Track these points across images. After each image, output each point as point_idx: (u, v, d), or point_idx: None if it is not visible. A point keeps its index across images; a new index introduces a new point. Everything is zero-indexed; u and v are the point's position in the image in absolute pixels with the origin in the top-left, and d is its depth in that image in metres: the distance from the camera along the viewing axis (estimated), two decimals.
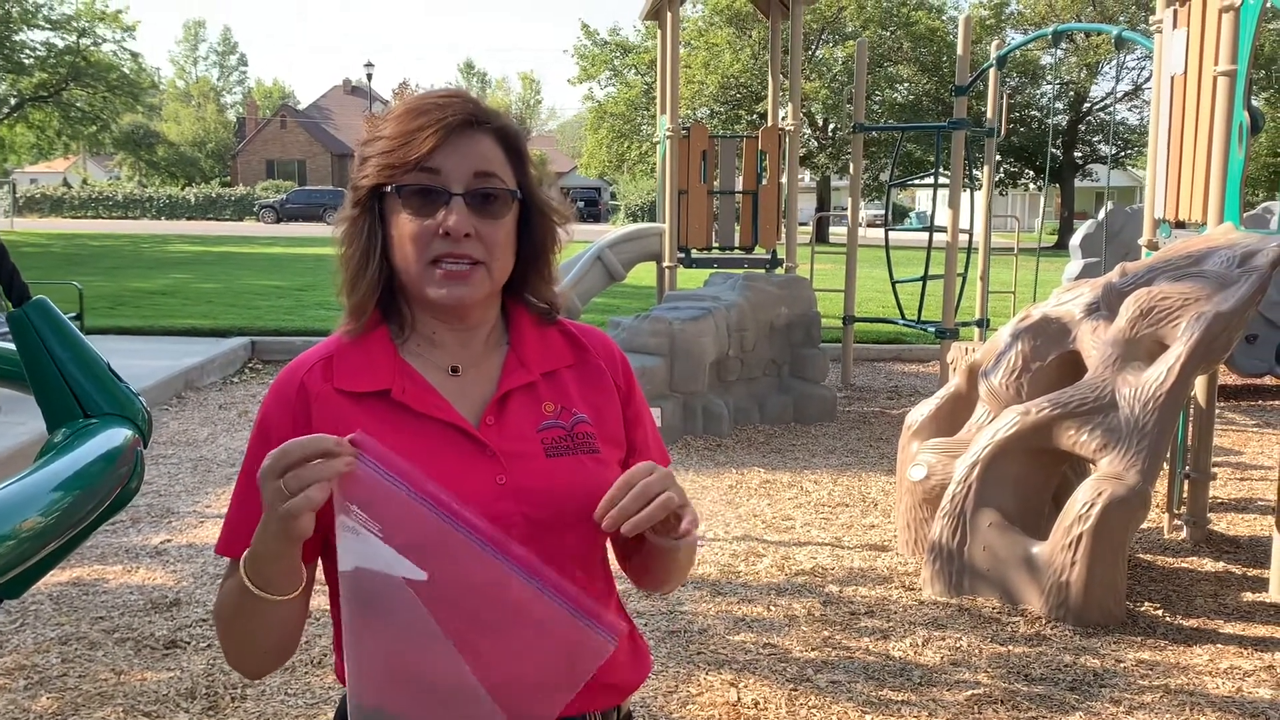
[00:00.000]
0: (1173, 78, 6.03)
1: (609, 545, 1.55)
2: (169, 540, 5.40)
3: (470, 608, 1.29)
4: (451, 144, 1.42)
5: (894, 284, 11.24)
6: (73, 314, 9.59)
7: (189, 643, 4.15)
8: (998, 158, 14.10)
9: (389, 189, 1.43)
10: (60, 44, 37.20)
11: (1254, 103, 5.99)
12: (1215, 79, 5.45)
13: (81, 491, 1.62)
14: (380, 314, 1.50)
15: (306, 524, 1.27)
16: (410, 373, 1.47)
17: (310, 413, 1.44)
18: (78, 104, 38.91)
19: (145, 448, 1.88)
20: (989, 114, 10.45)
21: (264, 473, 1.27)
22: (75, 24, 37.23)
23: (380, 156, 1.44)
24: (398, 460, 1.29)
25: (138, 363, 9.41)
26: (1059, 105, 39.60)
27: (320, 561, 1.48)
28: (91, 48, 37.92)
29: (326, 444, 1.26)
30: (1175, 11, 6.02)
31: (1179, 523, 5.73)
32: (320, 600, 1.53)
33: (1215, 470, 6.00)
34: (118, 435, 1.78)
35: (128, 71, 39.39)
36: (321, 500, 1.26)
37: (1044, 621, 4.46)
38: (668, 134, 9.80)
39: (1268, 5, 5.17)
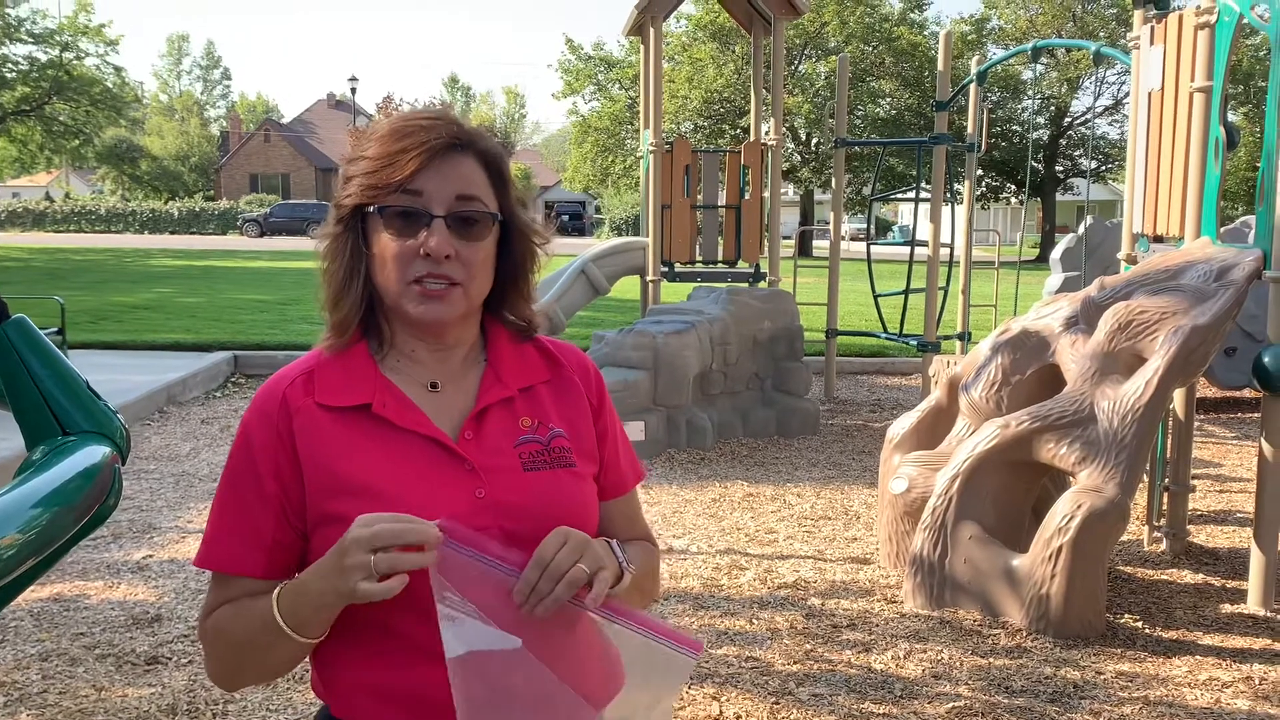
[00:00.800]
0: (1150, 93, 6.09)
1: None
2: (150, 556, 5.38)
3: (558, 657, 1.37)
4: (434, 166, 1.44)
5: (876, 297, 11.29)
6: (54, 329, 9.54)
7: (170, 658, 4.14)
8: (979, 172, 14.17)
9: (371, 209, 1.45)
10: (43, 58, 37.14)
11: (1230, 118, 6.05)
12: (1191, 94, 5.51)
13: (60, 509, 1.63)
14: (360, 329, 1.52)
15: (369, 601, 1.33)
16: (390, 388, 1.49)
17: (293, 427, 1.46)
18: (60, 118, 38.80)
19: (123, 465, 1.89)
20: (970, 129, 10.52)
21: (353, 542, 1.30)
22: (58, 38, 37.16)
23: (364, 176, 1.46)
24: (481, 539, 1.36)
25: (120, 377, 9.38)
26: (1040, 120, 39.86)
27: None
28: (74, 62, 37.84)
29: (428, 534, 1.31)
30: (1152, 28, 6.08)
31: (1158, 535, 5.76)
32: None
33: (1194, 482, 6.04)
34: (96, 453, 1.79)
35: (111, 85, 39.31)
36: (396, 591, 1.30)
37: (1024, 634, 4.48)
38: (651, 148, 9.83)
39: (1243, 22, 5.23)
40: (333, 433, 1.45)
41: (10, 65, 36.50)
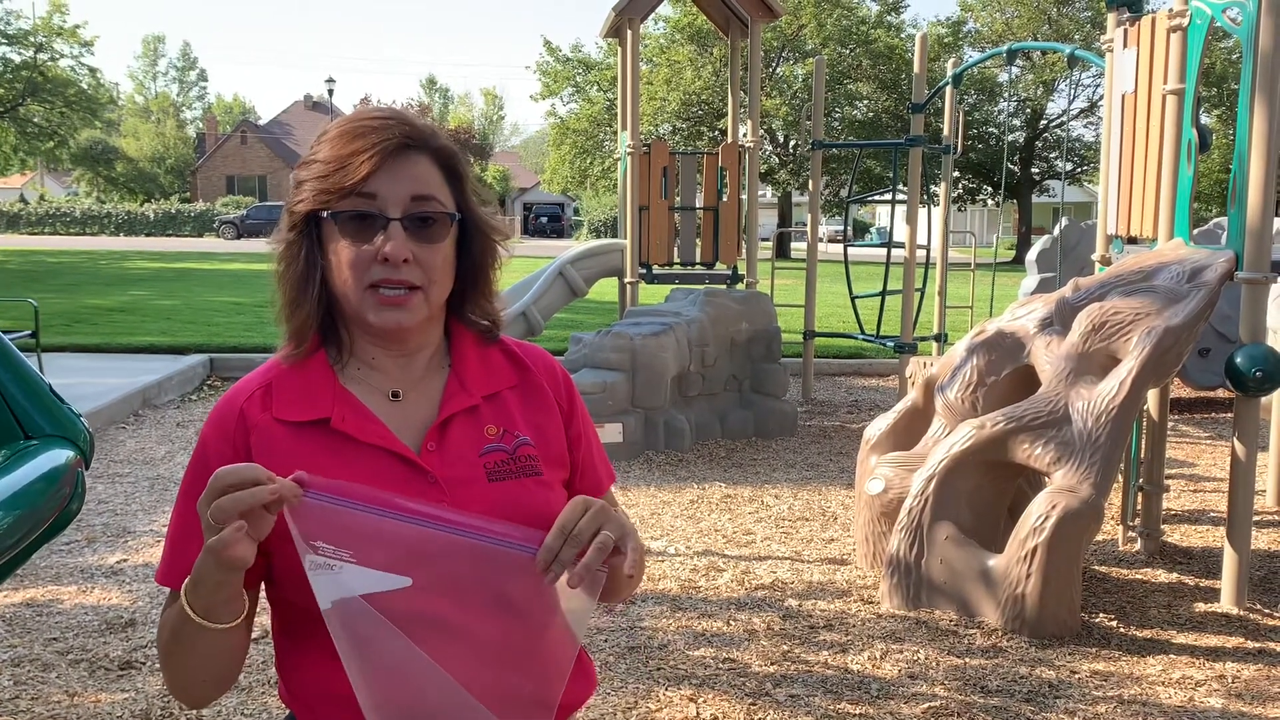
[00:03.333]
0: (1124, 95, 6.13)
1: None
2: (125, 560, 5.34)
3: (456, 592, 1.32)
4: (388, 168, 1.41)
5: (853, 299, 11.31)
6: (28, 331, 9.48)
7: (144, 663, 4.11)
8: (955, 174, 14.23)
9: (325, 215, 1.42)
10: (17, 59, 36.88)
11: (1203, 120, 6.09)
12: (1164, 97, 5.54)
13: (22, 512, 1.60)
14: (319, 337, 1.49)
15: (242, 552, 1.25)
16: (350, 400, 1.46)
17: (250, 443, 1.43)
18: (35, 119, 38.55)
19: (87, 469, 1.86)
20: (946, 131, 10.56)
21: (201, 501, 1.26)
22: (32, 39, 36.91)
23: (315, 181, 1.43)
24: (344, 484, 1.30)
25: (95, 380, 9.32)
26: (1015, 122, 40.05)
27: (264, 587, 1.48)
28: (49, 63, 37.60)
29: (257, 473, 1.26)
30: (1126, 31, 6.12)
31: (1133, 535, 5.79)
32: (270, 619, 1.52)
33: (1168, 482, 6.07)
34: (59, 456, 1.76)
35: (86, 87, 39.09)
36: (257, 536, 1.25)
37: (1000, 633, 4.50)
38: (628, 150, 9.83)
39: (1215, 25, 5.27)
40: (291, 449, 1.42)
41: None
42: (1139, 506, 5.81)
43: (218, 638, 1.35)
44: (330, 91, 54.90)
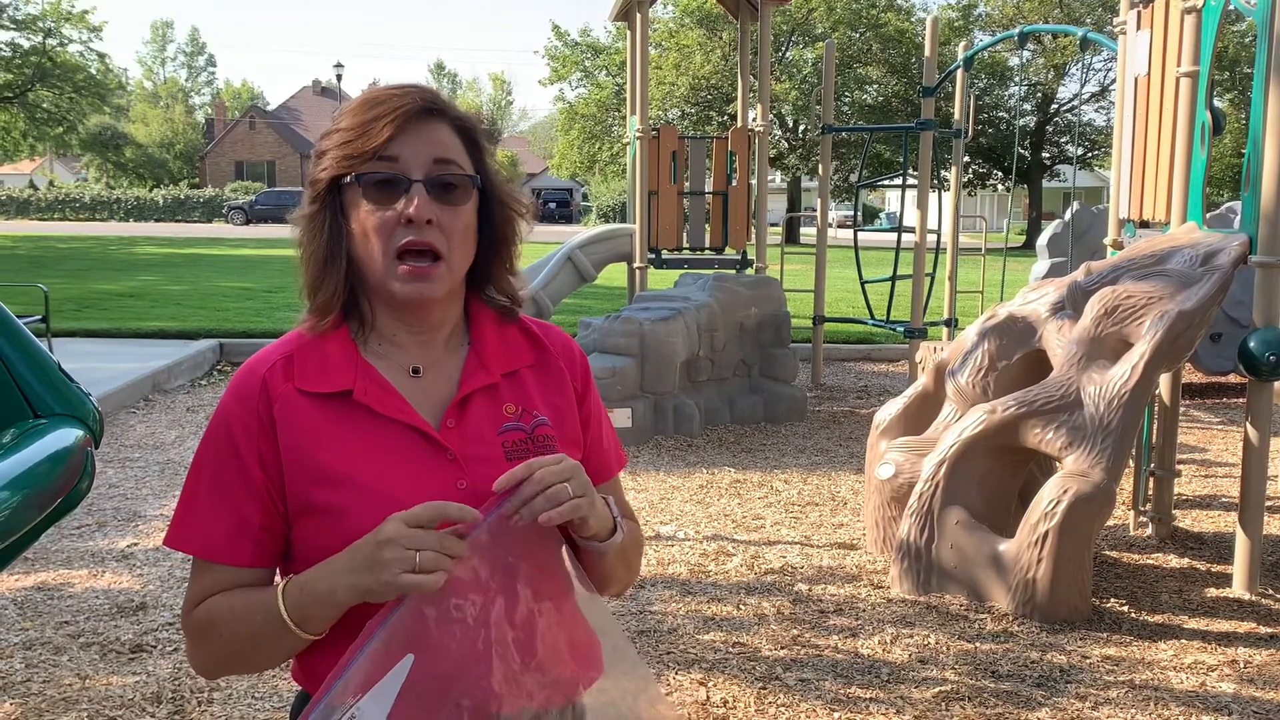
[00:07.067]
0: (1136, 79, 6.09)
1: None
2: (135, 544, 5.35)
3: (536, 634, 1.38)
4: (409, 131, 1.42)
5: (863, 284, 11.29)
6: (38, 316, 9.49)
7: (155, 646, 4.12)
8: (966, 158, 14.18)
9: (348, 179, 1.42)
10: (26, 44, 36.84)
11: (1216, 103, 6.05)
12: (1178, 80, 5.50)
13: (30, 492, 1.60)
14: (341, 312, 1.48)
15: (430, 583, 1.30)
16: (372, 374, 1.46)
17: (273, 413, 1.43)
18: (44, 105, 38.53)
19: (96, 448, 1.86)
20: (957, 115, 10.51)
21: (391, 538, 1.29)
22: (41, 24, 36.85)
23: (338, 148, 1.43)
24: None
25: (105, 365, 9.34)
26: (1026, 106, 39.88)
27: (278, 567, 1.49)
28: (58, 48, 37.56)
29: (460, 549, 1.31)
30: (1139, 13, 6.08)
31: (1144, 520, 5.77)
32: None
33: (1180, 467, 6.05)
34: (68, 435, 1.76)
35: (94, 72, 39.06)
36: (440, 584, 1.29)
37: (1011, 618, 4.49)
38: (637, 135, 9.80)
39: (1229, 7, 5.22)
40: (313, 420, 1.42)
41: None
42: (1150, 491, 5.79)
43: (300, 642, 1.39)
44: (339, 77, 54.74)
